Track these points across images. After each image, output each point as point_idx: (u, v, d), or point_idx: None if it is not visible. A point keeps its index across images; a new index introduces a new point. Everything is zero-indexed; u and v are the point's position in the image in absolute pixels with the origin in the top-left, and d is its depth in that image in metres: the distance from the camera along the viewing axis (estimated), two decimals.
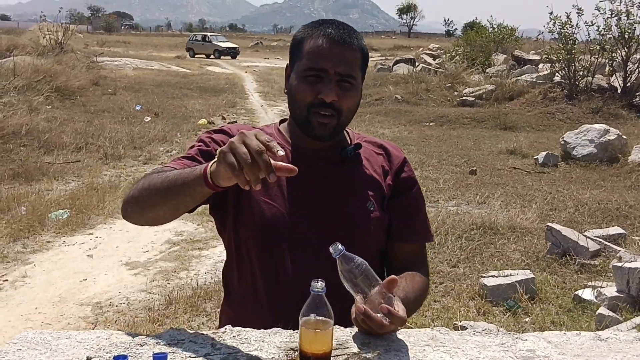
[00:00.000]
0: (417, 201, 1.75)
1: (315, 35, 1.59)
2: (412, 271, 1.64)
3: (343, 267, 1.28)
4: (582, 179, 8.65)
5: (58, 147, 9.33)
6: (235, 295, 1.69)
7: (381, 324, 1.25)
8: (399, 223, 1.68)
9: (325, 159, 1.67)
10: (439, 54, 26.94)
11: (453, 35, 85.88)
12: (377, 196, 1.67)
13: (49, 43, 21.09)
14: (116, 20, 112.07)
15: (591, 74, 14.62)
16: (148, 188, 1.46)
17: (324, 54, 1.56)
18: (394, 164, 1.73)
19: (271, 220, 1.58)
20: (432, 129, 13.19)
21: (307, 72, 1.57)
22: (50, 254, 5.48)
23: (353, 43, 1.59)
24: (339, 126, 1.62)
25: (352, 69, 1.59)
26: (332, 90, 1.55)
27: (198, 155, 1.61)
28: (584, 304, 4.50)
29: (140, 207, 1.50)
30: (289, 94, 1.64)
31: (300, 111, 1.61)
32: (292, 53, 1.66)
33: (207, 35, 45.22)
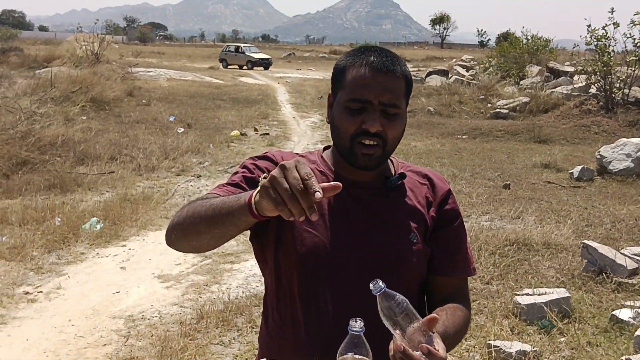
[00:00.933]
0: (460, 234, 1.71)
1: (357, 64, 1.56)
2: (454, 304, 1.61)
3: (383, 304, 1.25)
4: (619, 194, 8.46)
5: (92, 158, 9.47)
6: (273, 324, 1.67)
7: None
8: (440, 256, 1.65)
9: (369, 189, 1.64)
10: (472, 65, 26.78)
11: (486, 46, 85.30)
12: (420, 228, 1.64)
13: (85, 54, 21.54)
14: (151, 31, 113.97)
15: (628, 86, 14.35)
16: (192, 216, 1.45)
17: (367, 83, 1.53)
18: (438, 196, 1.70)
19: (312, 250, 1.56)
20: (465, 142, 13.07)
21: (352, 103, 1.55)
22: (83, 266, 5.54)
23: (396, 71, 1.56)
24: (384, 156, 1.59)
25: (397, 98, 1.56)
26: (377, 120, 1.52)
27: (242, 182, 1.60)
28: (621, 325, 4.37)
29: (184, 235, 1.50)
30: (332, 124, 1.62)
31: (343, 142, 1.58)
32: (334, 82, 1.63)
33: (240, 46, 45.63)
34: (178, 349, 3.94)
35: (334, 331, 1.39)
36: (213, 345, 4.10)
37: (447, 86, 19.44)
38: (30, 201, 7.11)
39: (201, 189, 8.42)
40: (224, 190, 1.56)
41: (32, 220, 6.43)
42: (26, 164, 8.62)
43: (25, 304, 4.69)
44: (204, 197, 1.52)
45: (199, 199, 1.51)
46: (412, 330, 1.24)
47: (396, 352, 1.24)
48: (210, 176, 9.19)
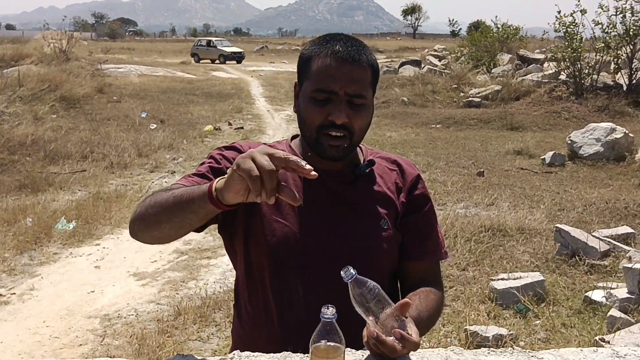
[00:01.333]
0: (430, 219, 1.71)
1: (323, 54, 1.54)
2: (426, 287, 1.61)
3: (355, 291, 1.25)
4: (590, 178, 8.59)
5: (64, 157, 9.35)
6: (246, 315, 1.66)
7: (394, 349, 1.22)
8: (411, 242, 1.65)
9: (338, 177, 1.63)
10: (444, 54, 26.91)
11: (458, 35, 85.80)
12: (391, 214, 1.64)
13: (54, 51, 21.20)
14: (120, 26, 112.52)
15: (596, 72, 14.56)
16: (154, 206, 1.43)
17: (332, 74, 1.51)
18: (407, 181, 1.69)
19: (282, 240, 1.55)
20: (439, 131, 13.15)
21: (317, 94, 1.53)
22: (57, 266, 5.47)
23: (362, 60, 1.54)
24: (351, 146, 1.58)
25: (362, 88, 1.54)
26: (342, 111, 1.50)
27: (209, 172, 1.58)
28: (594, 306, 4.45)
29: (146, 225, 1.47)
30: (298, 115, 1.61)
31: (310, 133, 1.57)
32: (300, 71, 1.62)
33: (212, 40, 45.21)
34: (156, 347, 3.91)
35: (307, 320, 1.38)
36: (191, 341, 4.08)
37: (420, 76, 19.53)
38: (1, 202, 7.00)
39: None
40: (189, 180, 1.54)
41: (3, 222, 6.33)
42: None
43: None
44: (167, 188, 1.49)
45: (162, 189, 1.49)
46: (385, 316, 1.24)
47: (369, 338, 1.24)
48: (184, 172, 9.10)
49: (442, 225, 6.12)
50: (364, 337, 1.27)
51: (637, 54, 14.29)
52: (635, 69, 14.27)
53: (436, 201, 7.33)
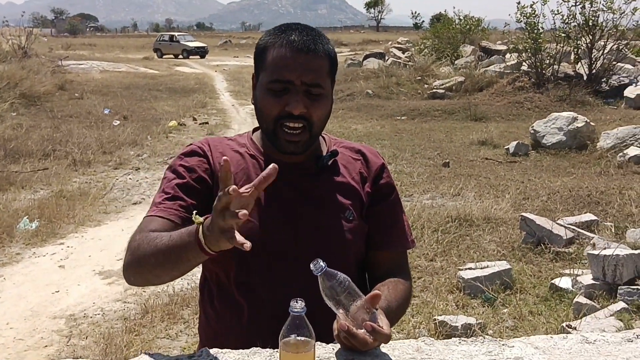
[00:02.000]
0: (395, 208, 1.70)
1: (278, 44, 1.51)
2: (394, 278, 1.61)
3: (325, 284, 1.23)
4: (553, 167, 8.73)
5: (25, 155, 9.13)
6: (212, 312, 1.63)
7: (365, 342, 1.21)
8: (377, 231, 1.64)
9: (301, 170, 1.61)
10: (408, 47, 27.05)
11: (421, 28, 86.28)
12: (356, 205, 1.62)
13: (12, 48, 20.72)
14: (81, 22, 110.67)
15: (557, 62, 14.78)
16: (144, 262, 1.43)
17: (288, 64, 1.49)
18: (372, 170, 1.68)
19: (246, 236, 1.51)
20: (404, 123, 13.22)
21: (272, 85, 1.51)
22: (20, 267, 5.34)
23: (318, 50, 1.51)
24: (311, 139, 1.56)
25: (319, 77, 1.52)
26: (300, 102, 1.48)
27: (178, 192, 1.55)
28: (560, 293, 4.52)
29: (146, 280, 1.52)
30: (256, 106, 1.58)
31: (267, 125, 1.55)
32: (256, 62, 1.59)
33: (175, 35, 44.80)
34: (123, 346, 3.85)
35: (275, 315, 1.37)
36: (159, 339, 4.03)
37: (384, 69, 19.58)
38: None
39: (140, 181, 8.24)
40: (163, 211, 1.52)
41: None
42: None
43: None
44: (145, 228, 1.48)
45: (142, 230, 1.48)
46: (356, 308, 1.23)
47: (340, 332, 1.23)
48: (149, 168, 9.01)
49: (409, 217, 6.15)
50: (334, 330, 1.26)
51: (596, 44, 14.55)
52: (594, 58, 14.53)
53: (402, 192, 7.36)
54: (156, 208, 1.54)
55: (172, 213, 1.50)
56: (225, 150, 1.64)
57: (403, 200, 6.35)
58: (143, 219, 1.55)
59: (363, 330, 1.21)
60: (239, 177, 1.57)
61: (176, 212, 1.50)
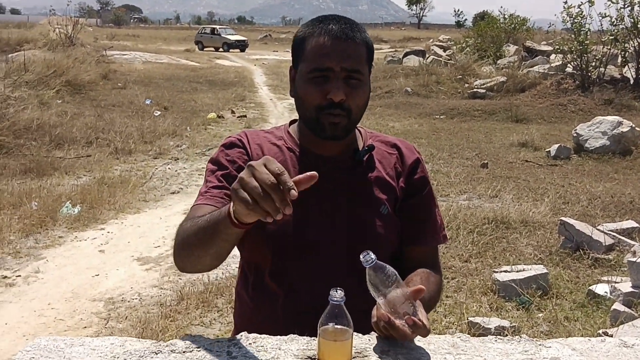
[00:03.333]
0: (429, 203, 1.71)
1: (316, 34, 1.54)
2: (425, 269, 1.62)
3: (372, 275, 1.24)
4: (595, 172, 8.57)
5: (69, 142, 9.35)
6: (248, 300, 1.66)
7: (404, 334, 1.23)
8: (410, 226, 1.65)
9: (337, 163, 1.63)
10: (449, 45, 26.77)
11: (463, 26, 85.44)
12: (390, 199, 1.64)
13: (59, 37, 21.15)
14: (125, 13, 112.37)
15: (603, 65, 14.47)
16: (187, 244, 1.46)
17: (327, 52, 1.51)
18: (406, 165, 1.69)
19: (282, 227, 1.54)
20: (443, 122, 13.11)
21: (313, 73, 1.53)
22: (62, 249, 5.49)
23: (356, 37, 1.54)
24: (350, 124, 1.58)
25: (359, 63, 1.54)
26: (340, 89, 1.50)
27: (222, 182, 1.58)
28: (598, 300, 4.44)
29: (191, 264, 1.51)
30: (296, 97, 1.60)
31: (309, 114, 1.57)
32: (295, 54, 1.61)
33: (216, 28, 45.16)
34: (159, 330, 3.93)
35: (308, 304, 1.40)
36: (194, 326, 4.10)
37: (424, 66, 19.41)
38: (6, 185, 7.01)
39: (179, 171, 8.36)
40: (210, 199, 1.55)
41: (9, 205, 6.34)
42: (1, 148, 8.49)
43: (4, 288, 4.64)
44: (191, 216, 1.51)
45: (188, 218, 1.51)
46: (397, 299, 1.24)
47: (379, 321, 1.25)
48: (187, 159, 9.13)
49: (445, 217, 6.12)
50: (372, 317, 1.28)
51: None
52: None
53: (439, 192, 7.32)
54: (202, 197, 1.57)
55: (218, 200, 1.54)
56: (263, 142, 1.67)
57: (439, 200, 6.29)
58: (190, 208, 1.58)
59: (403, 322, 1.23)
60: None
61: (222, 200, 1.53)
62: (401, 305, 1.24)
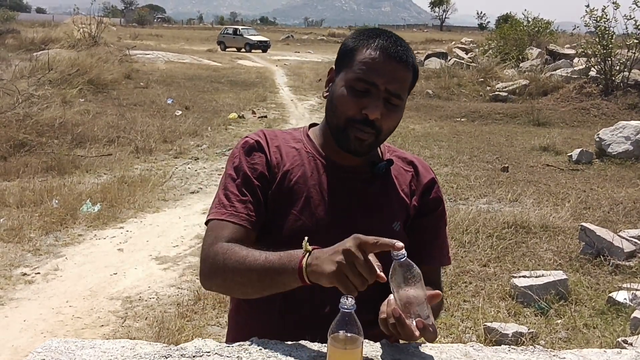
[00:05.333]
0: (439, 223, 1.70)
1: (372, 47, 1.52)
2: None
3: (399, 271, 1.23)
4: (617, 177, 8.46)
5: (90, 141, 9.45)
6: (244, 303, 1.64)
7: (411, 334, 1.22)
8: (418, 245, 1.62)
9: (356, 174, 1.62)
10: (471, 47, 26.62)
11: (486, 28, 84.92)
12: (402, 216, 1.63)
13: (83, 36, 21.38)
14: (149, 13, 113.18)
15: (628, 69, 14.28)
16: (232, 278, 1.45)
17: (378, 68, 1.49)
18: (422, 184, 1.68)
19: (295, 233, 1.52)
20: (464, 125, 13.03)
21: (357, 83, 1.50)
22: (81, 247, 5.54)
23: (408, 62, 1.52)
24: (376, 144, 1.57)
25: (402, 89, 1.52)
26: (378, 108, 1.48)
27: (246, 195, 1.56)
28: (618, 307, 4.38)
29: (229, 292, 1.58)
30: (330, 100, 1.58)
31: (338, 121, 1.55)
32: (342, 59, 1.58)
33: (238, 28, 45.38)
34: (175, 330, 3.95)
35: (319, 312, 1.40)
36: (210, 327, 4.11)
37: (446, 69, 19.33)
38: (28, 183, 7.10)
39: (199, 171, 8.40)
40: (235, 216, 1.53)
41: (30, 202, 6.42)
42: (24, 146, 8.60)
43: (23, 285, 4.70)
44: (220, 236, 1.51)
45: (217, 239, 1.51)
46: (415, 299, 1.23)
47: (390, 316, 1.24)
48: (207, 159, 9.17)
49: (464, 220, 6.09)
50: (381, 313, 1.28)
51: None
52: None
53: (458, 195, 7.28)
54: (226, 211, 1.54)
55: (244, 218, 1.52)
56: (282, 144, 1.65)
57: (458, 204, 6.26)
58: (212, 222, 1.56)
59: (413, 322, 1.22)
60: (295, 171, 1.59)
61: (247, 218, 1.52)
62: (416, 307, 1.22)
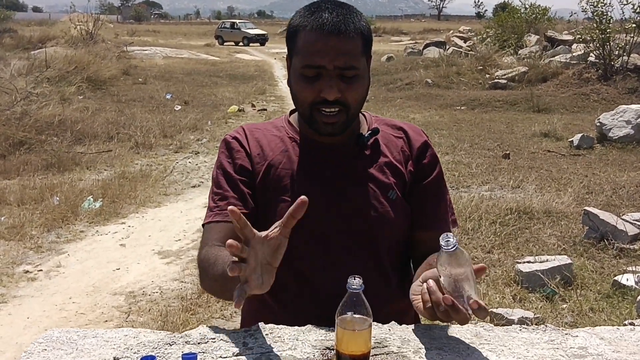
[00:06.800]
0: (440, 186, 1.65)
1: (309, 27, 1.46)
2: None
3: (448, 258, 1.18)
4: (619, 161, 8.42)
5: (90, 137, 9.42)
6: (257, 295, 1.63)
7: (466, 318, 1.18)
8: (420, 210, 1.59)
9: (340, 150, 1.58)
10: (469, 36, 26.49)
11: (483, 17, 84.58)
12: (399, 183, 1.58)
13: (80, 34, 21.35)
14: (145, 9, 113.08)
15: (627, 54, 14.21)
16: (211, 287, 1.48)
17: (319, 49, 1.44)
18: (414, 149, 1.63)
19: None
20: (464, 113, 12.99)
21: (305, 70, 1.47)
22: (83, 244, 5.52)
23: (349, 30, 1.45)
24: (349, 120, 1.53)
25: (353, 59, 1.46)
26: (334, 87, 1.44)
27: (228, 190, 1.56)
28: (623, 290, 4.36)
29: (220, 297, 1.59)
30: (291, 91, 1.56)
31: (303, 109, 1.53)
32: (288, 44, 1.56)
33: (236, 22, 45.27)
34: (180, 324, 3.93)
35: (318, 292, 1.39)
36: (214, 319, 4.10)
37: (444, 58, 19.24)
38: (28, 181, 7.08)
39: (199, 165, 8.38)
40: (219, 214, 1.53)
41: (31, 200, 6.41)
42: (23, 144, 8.57)
43: (26, 282, 4.68)
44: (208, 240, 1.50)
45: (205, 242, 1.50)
46: (464, 280, 1.18)
47: (438, 305, 1.19)
48: (208, 152, 9.15)
49: (467, 207, 6.06)
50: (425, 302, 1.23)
51: None
52: None
53: (460, 183, 7.25)
54: (212, 213, 1.55)
55: (227, 214, 1.51)
56: (261, 136, 1.64)
57: (461, 191, 6.21)
58: (204, 229, 1.56)
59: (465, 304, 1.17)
60: (280, 159, 1.57)
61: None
62: (467, 289, 1.18)
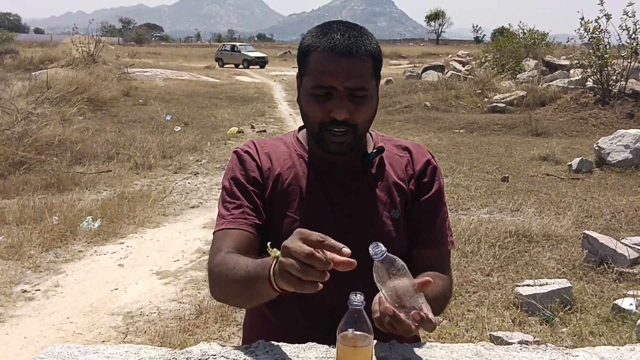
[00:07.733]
0: (438, 205, 1.66)
1: (320, 48, 1.49)
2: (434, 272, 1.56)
3: (382, 268, 1.19)
4: (618, 185, 8.44)
5: (90, 157, 9.44)
6: (259, 313, 1.64)
7: (409, 329, 1.19)
8: (416, 229, 1.61)
9: (346, 168, 1.61)
10: (468, 60, 26.69)
11: (482, 41, 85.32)
12: (402, 202, 1.61)
13: (81, 55, 21.47)
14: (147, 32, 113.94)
15: (624, 79, 14.31)
16: (227, 291, 1.46)
17: (330, 70, 1.46)
18: (417, 168, 1.66)
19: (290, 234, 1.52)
20: (463, 136, 13.04)
21: (315, 90, 1.50)
22: (82, 264, 5.50)
23: (360, 52, 1.47)
24: (356, 140, 1.55)
25: (363, 80, 1.49)
26: (343, 108, 1.47)
27: (241, 199, 1.57)
28: (623, 314, 4.35)
29: (230, 304, 1.67)
30: (301, 109, 1.58)
31: (313, 129, 1.55)
32: (300, 64, 1.58)
33: (236, 45, 45.66)
34: (177, 345, 3.91)
35: (322, 311, 1.39)
36: (212, 340, 4.05)
37: (443, 81, 19.35)
38: (28, 200, 7.07)
39: (198, 186, 8.39)
40: (232, 222, 1.53)
41: (30, 220, 6.40)
42: (23, 164, 8.58)
43: (23, 302, 4.66)
44: (222, 247, 1.49)
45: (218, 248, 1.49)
46: (405, 291, 1.20)
47: (383, 316, 1.21)
48: (207, 173, 9.16)
49: (466, 230, 6.06)
50: (374, 312, 1.24)
51: None
52: None
53: (459, 206, 7.26)
54: (224, 220, 1.55)
55: (242, 222, 1.52)
56: (271, 150, 1.66)
57: (460, 214, 6.22)
58: (214, 235, 1.55)
59: (409, 316, 1.18)
60: (287, 174, 1.60)
61: (245, 221, 1.52)
62: (408, 299, 1.19)
